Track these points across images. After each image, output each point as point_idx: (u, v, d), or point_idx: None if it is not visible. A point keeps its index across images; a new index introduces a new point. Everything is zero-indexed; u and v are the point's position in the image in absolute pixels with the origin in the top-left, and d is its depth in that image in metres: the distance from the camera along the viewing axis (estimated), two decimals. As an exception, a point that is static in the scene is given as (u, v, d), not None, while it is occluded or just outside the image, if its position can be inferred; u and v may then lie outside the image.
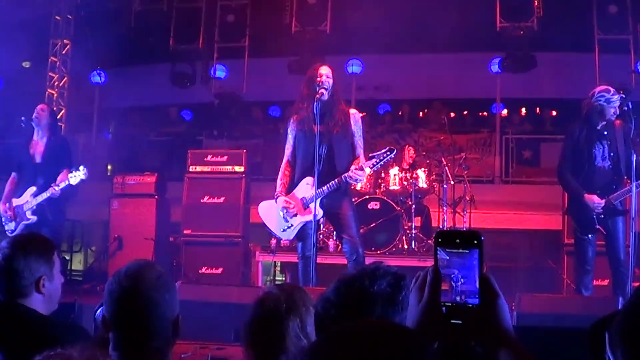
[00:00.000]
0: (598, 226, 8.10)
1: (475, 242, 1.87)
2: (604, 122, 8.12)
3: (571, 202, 8.53)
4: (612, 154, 8.08)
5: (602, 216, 8.05)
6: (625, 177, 8.15)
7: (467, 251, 1.88)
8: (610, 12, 13.43)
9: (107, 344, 3.01)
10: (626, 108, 8.00)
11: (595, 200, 8.01)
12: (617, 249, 8.02)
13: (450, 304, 1.87)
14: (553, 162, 13.89)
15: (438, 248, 1.90)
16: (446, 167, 12.25)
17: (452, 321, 1.85)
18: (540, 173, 15.70)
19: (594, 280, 9.65)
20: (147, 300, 2.99)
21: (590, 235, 8.24)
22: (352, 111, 7.93)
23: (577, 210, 8.32)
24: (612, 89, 8.16)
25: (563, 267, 10.37)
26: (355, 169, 7.59)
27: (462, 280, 1.87)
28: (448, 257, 1.89)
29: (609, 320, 2.13)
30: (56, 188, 9.01)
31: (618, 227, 8.06)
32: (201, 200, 11.10)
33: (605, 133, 8.12)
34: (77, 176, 9.00)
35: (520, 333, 1.97)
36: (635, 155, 8.01)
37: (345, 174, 7.56)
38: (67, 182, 8.99)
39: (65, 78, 14.82)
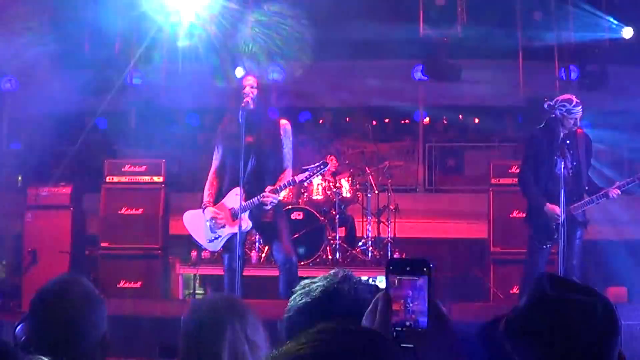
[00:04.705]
0: (556, 236, 8.18)
1: (425, 269, 1.98)
2: (566, 131, 8.22)
3: (531, 211, 8.59)
4: (574, 164, 8.19)
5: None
6: (587, 188, 8.27)
7: (417, 278, 1.98)
8: (534, 18, 13.72)
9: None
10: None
11: (557, 212, 8.06)
12: (570, 256, 8.09)
13: (400, 329, 1.96)
14: (477, 170, 14.20)
15: (389, 275, 1.99)
16: (370, 176, 12.35)
17: (403, 345, 1.94)
18: (465, 181, 15.95)
19: (514, 288, 9.90)
20: (72, 320, 2.95)
21: (547, 245, 8.37)
22: (283, 122, 7.99)
23: (536, 220, 8.41)
24: (574, 99, 8.22)
25: (489, 275, 10.54)
26: (270, 190, 7.64)
27: (413, 302, 1.95)
28: (399, 282, 1.97)
29: (500, 318, 2.26)
30: None
31: (575, 236, 8.21)
32: (119, 212, 10.98)
33: (568, 142, 8.22)
34: None
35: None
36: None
37: (258, 197, 7.61)
38: None
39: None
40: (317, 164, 7.86)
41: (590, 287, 2.17)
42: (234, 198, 7.69)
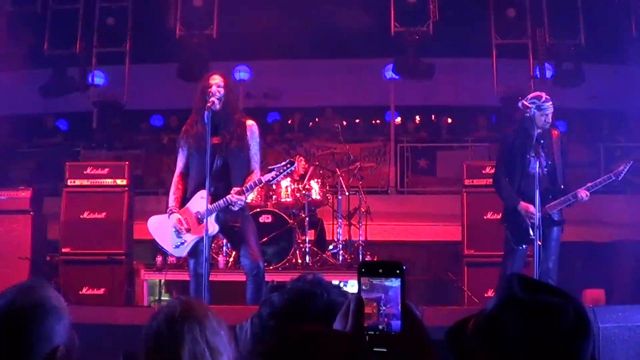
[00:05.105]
0: (533, 237, 8.24)
1: (398, 271, 2.01)
2: (540, 130, 8.27)
3: (506, 212, 8.63)
4: (549, 162, 8.25)
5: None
6: (563, 187, 8.32)
7: (389, 280, 2.01)
8: (508, 16, 13.78)
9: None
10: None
11: (531, 209, 8.11)
12: (547, 257, 8.13)
13: (373, 332, 1.98)
14: (450, 171, 14.24)
15: (362, 277, 2.03)
16: (340, 178, 12.36)
17: (376, 349, 1.97)
18: (437, 182, 16.01)
19: (488, 291, 9.94)
20: (17, 330, 2.89)
21: (524, 246, 8.43)
22: (249, 122, 7.97)
23: (511, 220, 8.45)
24: (544, 96, 8.32)
25: (463, 278, 10.58)
26: (236, 192, 7.63)
27: (386, 305, 1.98)
28: (371, 285, 2.00)
29: (467, 319, 2.26)
30: None
31: (551, 236, 8.25)
32: (81, 216, 10.91)
33: (542, 141, 8.25)
34: None
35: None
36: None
37: (225, 199, 7.60)
38: None
39: None
40: (283, 163, 7.85)
41: (561, 289, 2.16)
42: (200, 201, 7.66)
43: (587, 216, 11.33)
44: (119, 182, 11.07)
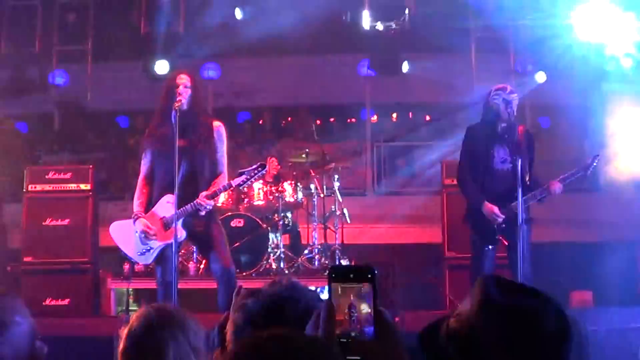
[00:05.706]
0: (499, 237, 8.26)
1: (369, 276, 2.03)
2: (504, 124, 8.34)
3: (469, 210, 8.67)
4: (513, 157, 8.21)
5: (504, 226, 8.21)
6: (529, 184, 8.28)
7: (361, 285, 2.02)
8: (488, 8, 13.78)
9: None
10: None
11: (495, 212, 8.18)
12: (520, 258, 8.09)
13: (345, 340, 1.99)
14: (429, 170, 14.24)
15: (332, 283, 2.04)
16: (315, 179, 12.36)
17: (349, 358, 1.96)
18: (416, 182, 16.00)
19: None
20: None
21: (490, 247, 8.44)
22: (216, 124, 7.97)
23: (475, 219, 8.49)
24: (509, 87, 8.45)
25: (445, 282, 10.61)
26: (205, 195, 7.63)
27: (358, 310, 2.00)
28: (343, 291, 2.02)
29: (440, 322, 2.29)
30: None
31: (521, 236, 8.14)
32: (43, 223, 10.82)
33: (506, 136, 8.32)
34: None
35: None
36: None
37: (195, 201, 7.60)
38: None
39: None
40: (254, 167, 7.86)
41: (539, 290, 2.17)
42: (166, 206, 7.65)
43: (573, 216, 11.39)
44: (82, 186, 10.99)
